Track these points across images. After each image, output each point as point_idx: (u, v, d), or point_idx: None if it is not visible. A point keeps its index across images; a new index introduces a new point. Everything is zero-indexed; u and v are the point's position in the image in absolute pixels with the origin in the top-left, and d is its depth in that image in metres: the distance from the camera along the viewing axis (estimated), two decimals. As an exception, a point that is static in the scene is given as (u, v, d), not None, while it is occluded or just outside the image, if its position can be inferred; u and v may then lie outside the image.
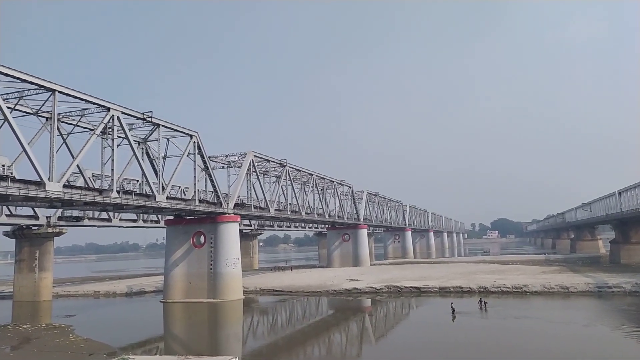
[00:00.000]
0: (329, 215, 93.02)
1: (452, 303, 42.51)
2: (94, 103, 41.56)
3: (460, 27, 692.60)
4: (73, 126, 44.71)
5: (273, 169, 72.22)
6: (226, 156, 65.45)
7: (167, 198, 49.93)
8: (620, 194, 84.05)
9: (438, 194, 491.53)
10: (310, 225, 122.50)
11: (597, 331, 33.48)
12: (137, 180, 62.00)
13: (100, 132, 42.78)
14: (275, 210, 71.03)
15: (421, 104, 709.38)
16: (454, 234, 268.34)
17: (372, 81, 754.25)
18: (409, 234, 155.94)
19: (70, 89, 38.74)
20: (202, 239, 57.50)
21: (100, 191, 42.62)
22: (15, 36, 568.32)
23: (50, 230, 62.91)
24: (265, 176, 71.55)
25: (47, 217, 62.71)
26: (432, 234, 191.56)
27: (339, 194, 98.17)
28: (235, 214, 59.56)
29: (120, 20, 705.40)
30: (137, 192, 49.82)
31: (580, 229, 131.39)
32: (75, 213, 64.48)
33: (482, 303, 43.70)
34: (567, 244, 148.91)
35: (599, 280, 55.18)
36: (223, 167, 66.32)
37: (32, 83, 35.94)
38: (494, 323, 37.89)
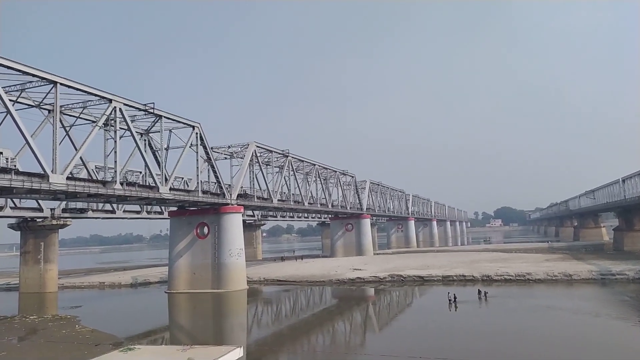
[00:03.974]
0: (332, 205, 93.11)
1: (449, 293, 42.25)
2: (96, 95, 41.50)
3: (466, 17, 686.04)
4: (75, 118, 44.64)
5: (276, 159, 72.14)
6: (229, 147, 65.39)
7: (170, 189, 50.03)
8: (624, 181, 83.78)
9: (441, 183, 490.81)
10: (314, 215, 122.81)
11: (599, 319, 33.62)
12: (140, 172, 62.15)
13: (103, 124, 42.76)
14: (278, 200, 71.13)
15: (426, 94, 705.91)
16: (457, 223, 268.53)
17: (378, 69, 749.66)
18: (412, 223, 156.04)
19: (72, 80, 38.67)
20: (205, 229, 57.69)
21: (104, 183, 42.74)
22: (16, 30, 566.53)
23: (54, 222, 63.25)
24: (268, 167, 71.48)
25: (51, 209, 63.01)
26: (435, 223, 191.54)
27: (341, 183, 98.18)
28: (238, 205, 59.68)
29: (122, 11, 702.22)
30: (141, 183, 49.96)
31: (584, 216, 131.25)
32: (79, 205, 64.60)
33: (481, 293, 43.33)
34: (570, 231, 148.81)
35: (603, 267, 55.24)
36: (226, 158, 66.28)
37: (33, 75, 35.86)
38: (494, 312, 38.09)
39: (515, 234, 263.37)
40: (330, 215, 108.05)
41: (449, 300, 41.08)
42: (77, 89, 39.70)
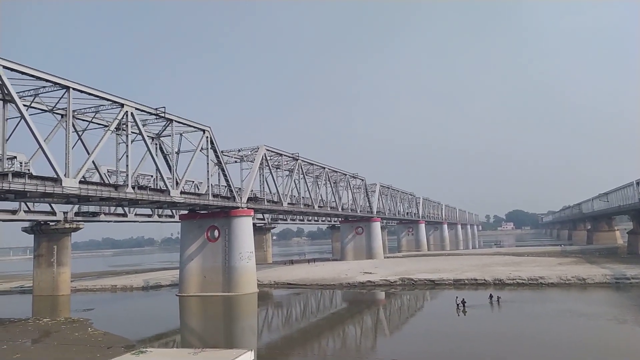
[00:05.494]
0: (342, 209, 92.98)
1: (457, 297, 41.97)
2: (108, 99, 41.93)
3: (474, 18, 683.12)
4: (88, 123, 45.18)
5: (285, 162, 72.31)
6: (239, 150, 65.68)
7: (181, 193, 50.29)
8: (638, 183, 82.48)
9: (452, 186, 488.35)
10: (324, 218, 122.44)
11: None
12: (152, 176, 62.60)
13: (115, 128, 43.18)
14: (288, 204, 71.17)
15: (434, 96, 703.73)
16: (468, 226, 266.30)
17: (387, 71, 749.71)
18: (422, 226, 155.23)
19: (84, 85, 39.12)
20: (216, 233, 57.90)
21: (116, 187, 43.08)
22: (17, 32, 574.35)
23: (67, 225, 63.86)
24: (278, 170, 71.67)
25: (64, 212, 63.63)
26: (445, 226, 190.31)
27: (351, 187, 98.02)
28: (248, 208, 59.82)
29: (125, 15, 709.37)
30: (152, 187, 50.27)
31: (597, 219, 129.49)
32: (92, 208, 65.23)
33: (492, 298, 42.69)
34: (583, 235, 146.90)
35: (617, 271, 54.46)
36: (236, 162, 66.61)
37: (47, 80, 36.36)
38: (508, 317, 37.66)
39: (528, 237, 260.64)
40: (340, 219, 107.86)
41: (457, 305, 40.73)
42: (90, 94, 40.14)
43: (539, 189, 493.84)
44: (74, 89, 37.98)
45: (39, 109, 40.58)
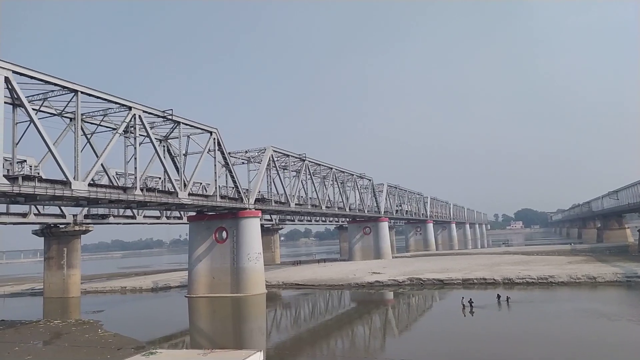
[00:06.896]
0: (350, 209, 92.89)
1: (462, 298, 41.80)
2: (116, 102, 42.24)
3: (482, 17, 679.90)
4: (96, 126, 45.56)
5: (292, 163, 72.38)
6: (246, 152, 65.87)
7: (189, 194, 50.50)
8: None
9: (460, 185, 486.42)
10: (331, 219, 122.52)
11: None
12: (160, 178, 62.94)
13: (123, 131, 43.48)
14: (296, 204, 71.25)
15: (442, 95, 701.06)
16: (477, 225, 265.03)
17: (394, 71, 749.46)
18: (430, 225, 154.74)
19: (92, 89, 39.41)
20: (224, 234, 58.09)
21: (124, 189, 43.36)
22: (22, 33, 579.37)
23: (77, 228, 64.38)
24: (285, 171, 71.77)
25: (73, 215, 64.16)
26: (454, 225, 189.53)
27: (359, 187, 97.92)
28: (256, 209, 59.94)
29: (134, 17, 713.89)
30: (160, 189, 50.57)
31: (607, 217, 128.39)
32: (101, 211, 65.78)
33: (500, 298, 42.22)
34: (593, 233, 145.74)
35: (628, 269, 53.92)
36: (243, 163, 66.80)
37: (55, 84, 36.70)
38: (519, 316, 37.39)
39: (537, 236, 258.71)
40: (347, 219, 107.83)
41: (463, 305, 40.53)
42: (98, 97, 40.45)
43: (548, 187, 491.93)
44: (82, 92, 38.29)
45: (47, 112, 40.97)
